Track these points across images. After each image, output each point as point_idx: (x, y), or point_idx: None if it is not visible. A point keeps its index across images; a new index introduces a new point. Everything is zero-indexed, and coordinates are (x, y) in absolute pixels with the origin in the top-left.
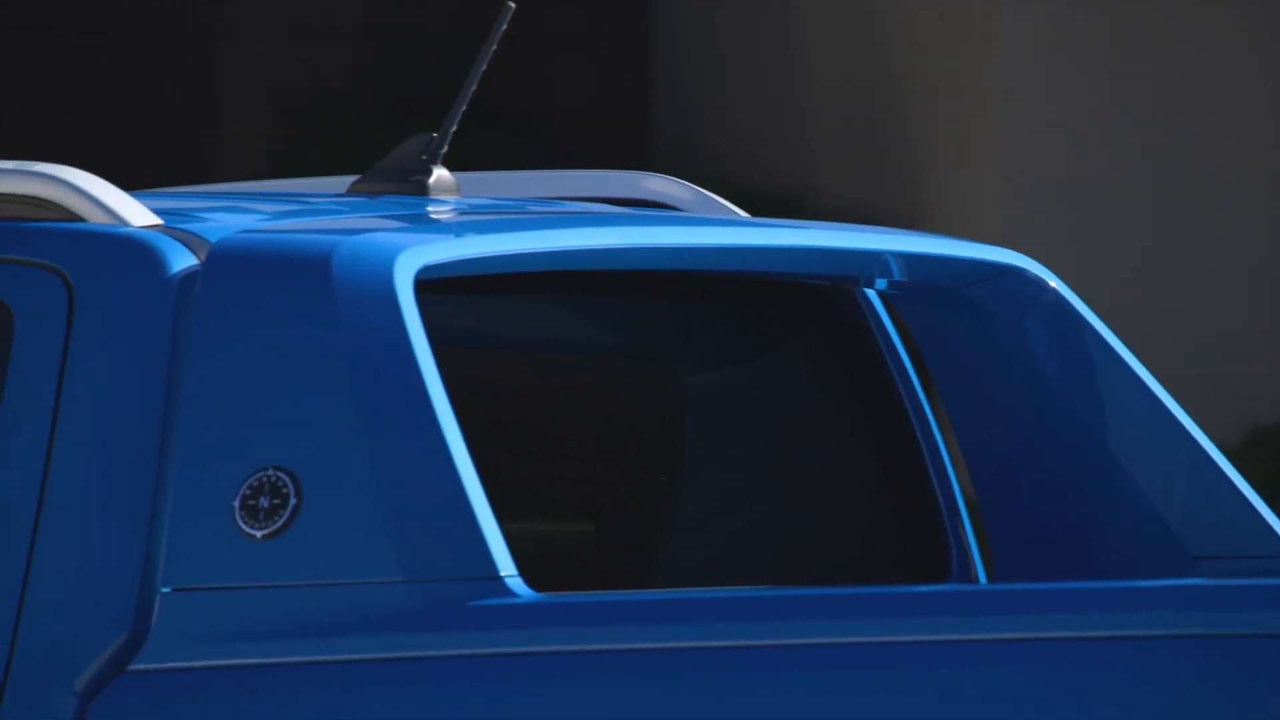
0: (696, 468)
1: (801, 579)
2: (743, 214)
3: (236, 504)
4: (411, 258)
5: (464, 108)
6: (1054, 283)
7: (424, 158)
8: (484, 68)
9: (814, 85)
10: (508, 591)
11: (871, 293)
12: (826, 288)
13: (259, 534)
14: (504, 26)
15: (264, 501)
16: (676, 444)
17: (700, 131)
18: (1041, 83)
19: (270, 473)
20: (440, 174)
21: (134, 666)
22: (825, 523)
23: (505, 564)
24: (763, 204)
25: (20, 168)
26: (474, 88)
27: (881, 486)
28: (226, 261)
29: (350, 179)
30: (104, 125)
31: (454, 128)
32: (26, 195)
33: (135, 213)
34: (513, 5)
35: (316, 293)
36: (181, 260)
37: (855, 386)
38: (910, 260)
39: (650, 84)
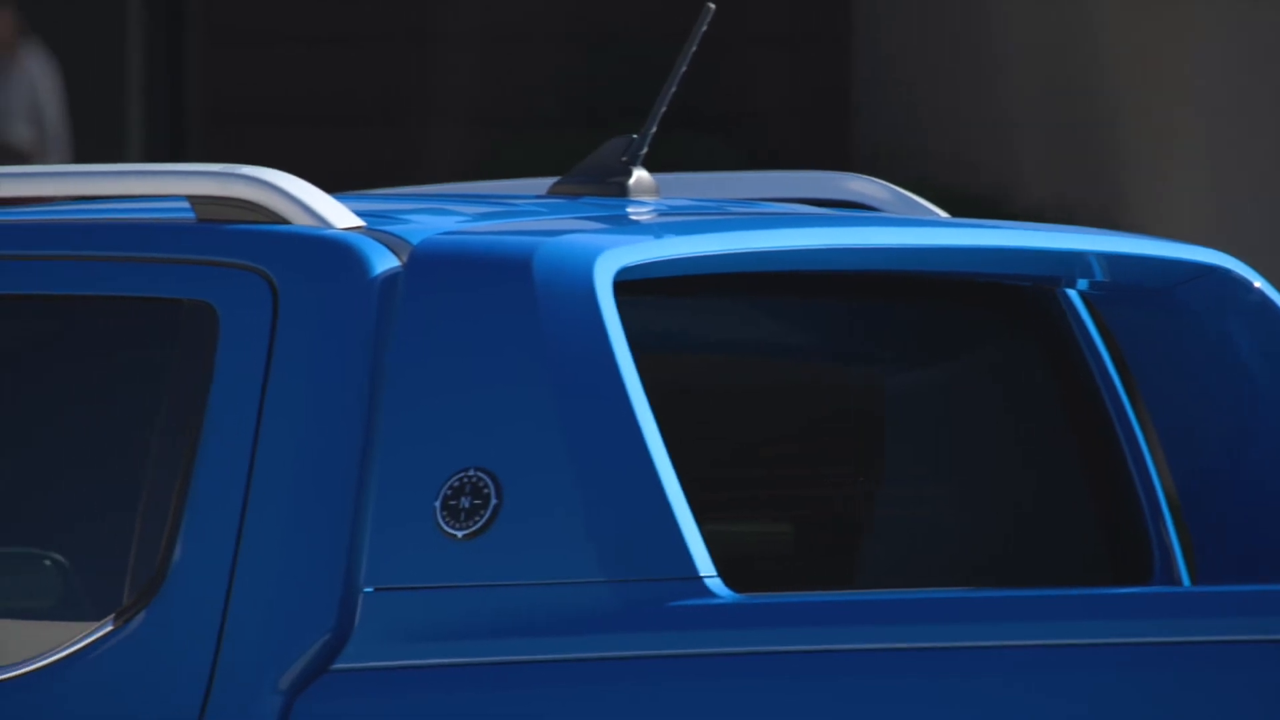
0: (895, 469)
1: (1002, 580)
2: (943, 214)
3: (438, 504)
4: (611, 259)
5: (664, 109)
6: (1258, 283)
7: (624, 159)
8: (684, 69)
9: (1014, 85)
10: (707, 592)
11: (1073, 293)
12: (1028, 288)
13: (460, 534)
14: (704, 28)
15: (465, 502)
16: (875, 445)
17: (900, 132)
18: (1242, 81)
19: (471, 473)
20: (640, 175)
21: (337, 665)
22: (1026, 524)
23: (705, 565)
24: (963, 204)
25: (226, 171)
26: (674, 89)
27: (1083, 488)
28: (428, 263)
29: (551, 181)
30: (308, 130)
31: (654, 129)
32: (232, 198)
33: (338, 215)
34: (713, 6)
35: (517, 294)
36: (384, 262)
37: (1056, 387)
38: (1112, 260)
39: (850, 84)
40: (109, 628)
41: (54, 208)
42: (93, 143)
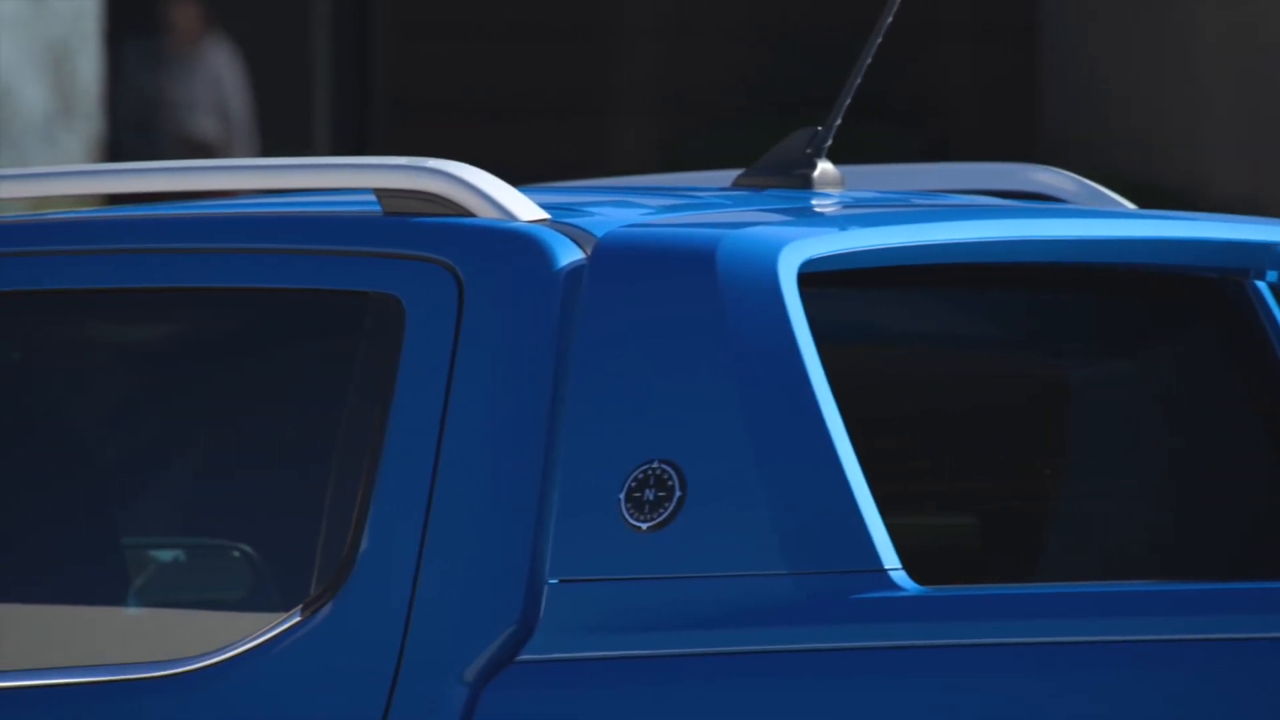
0: (1080, 462)
1: (1189, 573)
2: (1130, 206)
3: (622, 496)
4: (795, 251)
5: (848, 101)
6: None
7: (809, 151)
8: (869, 61)
9: (1204, 77)
10: (892, 585)
11: (1262, 285)
12: (1215, 280)
13: (644, 526)
14: (889, 19)
15: (649, 494)
16: (1059, 438)
17: (1088, 123)
18: None
19: (655, 465)
20: (825, 167)
21: (523, 657)
22: (1212, 516)
23: (889, 557)
24: (1152, 196)
25: (413, 164)
26: (859, 81)
27: (1271, 479)
28: (612, 255)
29: (735, 173)
30: (493, 123)
31: (839, 121)
32: (418, 191)
33: (523, 207)
34: None
35: (701, 286)
36: (568, 254)
37: (1243, 378)
38: None
39: (1036, 75)
40: (296, 619)
41: (240, 201)
42: (278, 136)
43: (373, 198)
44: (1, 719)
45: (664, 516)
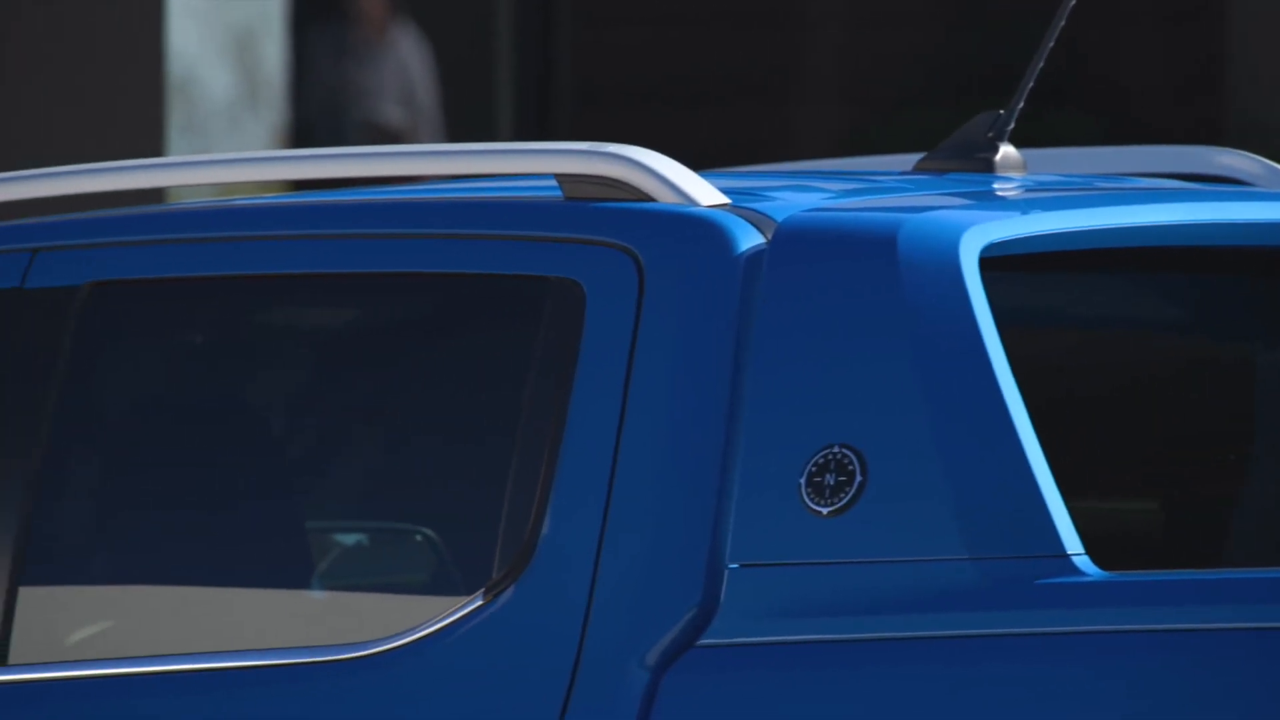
0: (1263, 445)
1: None
2: None
3: (803, 481)
4: (977, 235)
5: (1031, 84)
6: None
7: (990, 135)
8: (1051, 44)
9: None
10: (1075, 570)
11: None
12: None
13: (824, 511)
14: (1073, 2)
15: (829, 478)
16: (1243, 421)
17: (1275, 106)
18: None
19: (836, 450)
20: (1006, 151)
21: (703, 641)
22: None
23: (1072, 542)
24: None
25: (594, 149)
26: (1041, 64)
27: None
28: (793, 239)
29: (917, 157)
30: (674, 109)
31: (1021, 104)
32: (599, 176)
33: (704, 192)
34: None
35: (882, 270)
36: (749, 239)
37: None
38: None
39: (1223, 58)
40: (478, 602)
41: (425, 186)
42: (462, 122)
43: (553, 183)
44: (192, 700)
45: (844, 501)
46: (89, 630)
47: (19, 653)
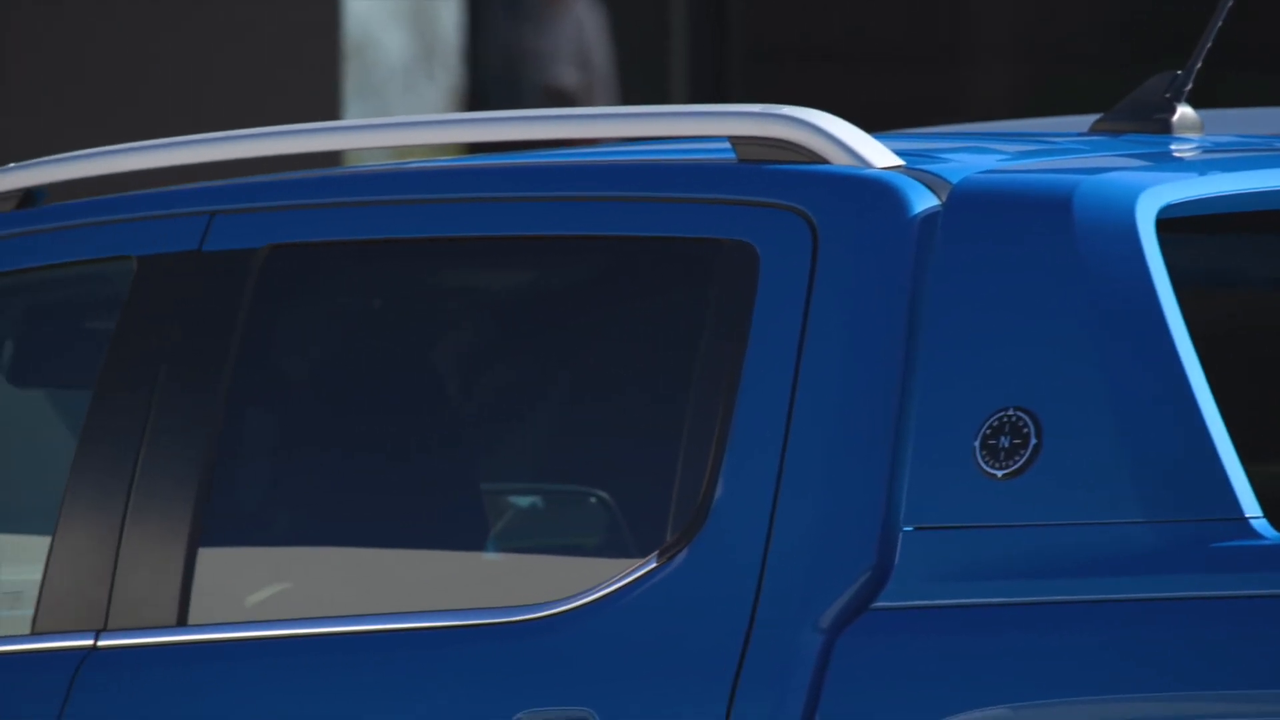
0: None
1: None
2: None
3: (977, 444)
4: (1153, 196)
5: (1209, 44)
6: None
7: (1168, 95)
8: (1230, 3)
9: None
10: (1253, 533)
11: None
12: None
13: (999, 474)
14: None
15: (1004, 441)
16: None
17: None
18: None
19: (1010, 412)
20: (1184, 111)
21: (877, 604)
22: None
23: (1250, 505)
24: None
25: (767, 111)
26: (1219, 24)
27: None
28: (967, 201)
29: (1092, 118)
30: (848, 68)
31: (1198, 64)
32: (773, 138)
33: (878, 154)
34: None
35: (1057, 232)
36: (923, 201)
37: None
38: None
39: None
40: (652, 565)
41: (598, 149)
42: (636, 83)
43: (726, 145)
44: (368, 660)
45: (1019, 464)
46: (266, 591)
47: (198, 613)
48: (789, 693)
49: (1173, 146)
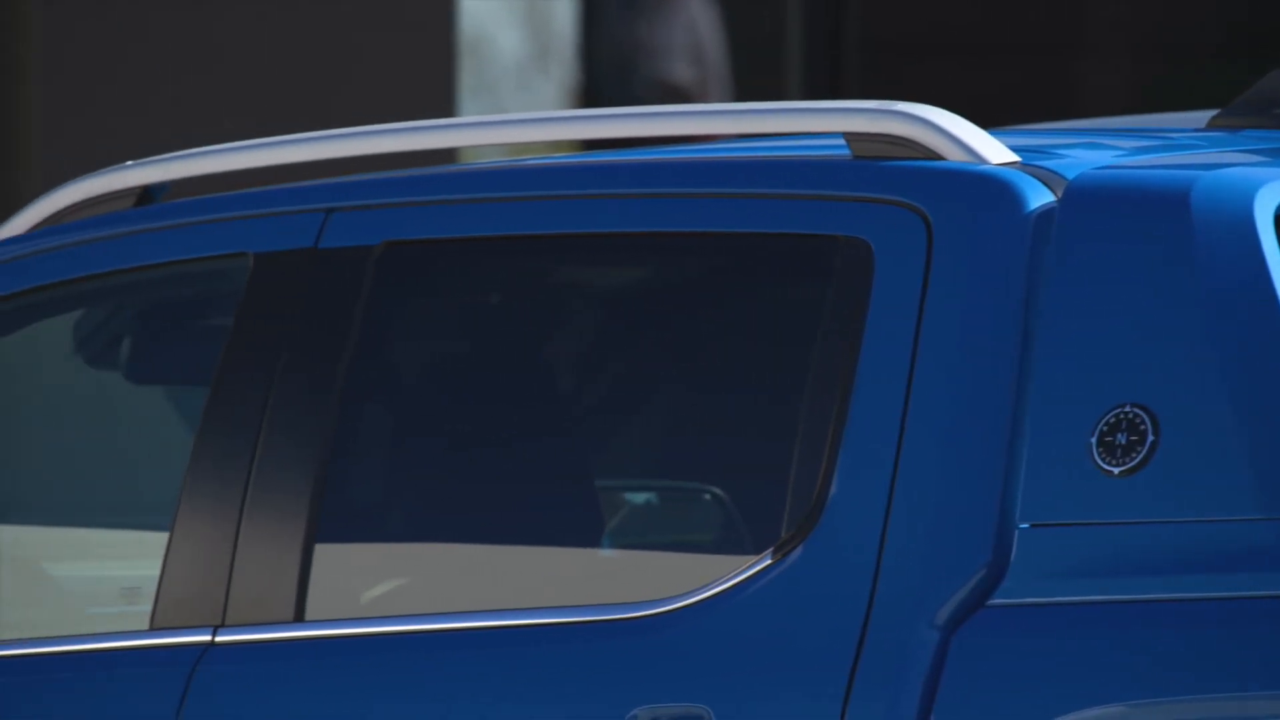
0: None
1: None
2: None
3: (1094, 440)
4: (1272, 192)
5: None
6: None
7: None
8: None
9: None
10: None
11: None
12: None
13: (1116, 470)
14: None
15: (1121, 438)
16: None
17: None
18: None
19: (1128, 409)
20: None
21: (994, 601)
22: None
23: None
24: None
25: (882, 107)
26: None
27: None
28: (1083, 197)
29: (1210, 114)
30: (966, 62)
31: None
32: (888, 134)
33: (993, 150)
34: None
35: (1174, 228)
36: (1039, 197)
37: None
38: None
39: None
40: (767, 561)
41: (713, 145)
42: (751, 80)
43: (840, 142)
44: (483, 656)
45: (1136, 461)
46: (383, 587)
47: (315, 609)
48: (904, 690)
49: None
